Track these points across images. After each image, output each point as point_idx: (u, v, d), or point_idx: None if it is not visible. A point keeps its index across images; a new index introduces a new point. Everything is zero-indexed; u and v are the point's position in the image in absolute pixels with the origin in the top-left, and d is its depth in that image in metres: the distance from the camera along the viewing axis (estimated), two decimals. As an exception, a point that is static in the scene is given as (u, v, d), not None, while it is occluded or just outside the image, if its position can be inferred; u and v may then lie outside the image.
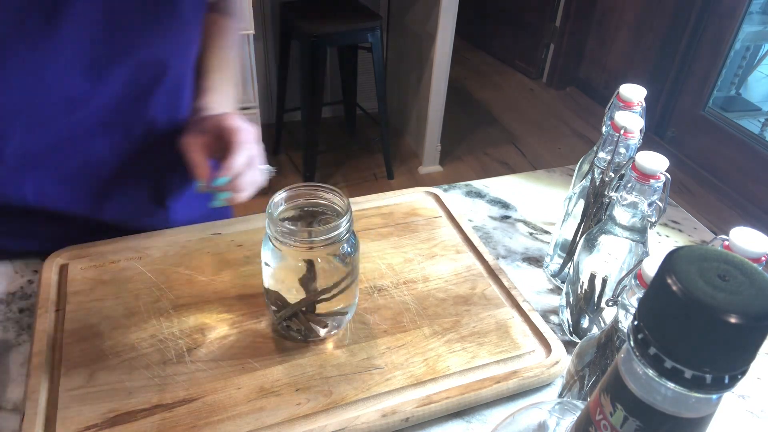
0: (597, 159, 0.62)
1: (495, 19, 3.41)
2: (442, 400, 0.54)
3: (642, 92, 0.63)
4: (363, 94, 2.67)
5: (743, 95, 2.48)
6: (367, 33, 2.08)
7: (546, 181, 0.90)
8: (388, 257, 0.70)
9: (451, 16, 2.15)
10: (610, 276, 0.58)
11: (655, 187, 0.52)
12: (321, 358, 0.58)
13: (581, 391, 0.46)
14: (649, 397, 0.21)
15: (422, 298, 0.65)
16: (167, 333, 0.59)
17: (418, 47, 2.34)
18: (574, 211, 0.66)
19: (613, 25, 2.74)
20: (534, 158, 2.67)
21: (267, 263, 0.55)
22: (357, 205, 0.78)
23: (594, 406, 0.24)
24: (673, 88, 2.44)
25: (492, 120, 2.94)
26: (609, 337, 0.45)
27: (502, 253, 0.75)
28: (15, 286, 0.66)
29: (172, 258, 0.68)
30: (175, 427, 0.51)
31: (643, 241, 0.56)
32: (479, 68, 3.40)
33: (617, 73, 2.76)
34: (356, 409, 0.53)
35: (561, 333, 0.64)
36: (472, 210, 0.83)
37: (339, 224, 0.52)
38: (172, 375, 0.55)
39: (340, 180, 2.44)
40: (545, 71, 3.20)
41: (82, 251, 0.67)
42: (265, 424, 0.51)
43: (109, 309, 0.61)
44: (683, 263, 0.20)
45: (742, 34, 2.23)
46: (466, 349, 0.59)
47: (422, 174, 2.50)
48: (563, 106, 3.04)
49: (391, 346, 0.59)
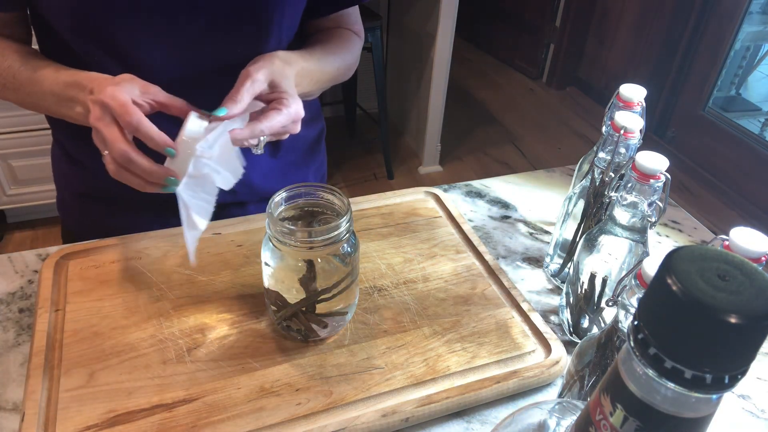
0: (597, 159, 0.62)
1: (495, 19, 3.41)
2: (442, 400, 0.54)
3: (642, 92, 0.63)
4: (363, 94, 2.67)
5: (743, 95, 2.48)
6: (367, 33, 2.07)
7: (546, 181, 0.90)
8: (388, 257, 0.70)
9: (451, 16, 2.15)
10: (610, 276, 0.58)
11: (655, 187, 0.52)
12: (321, 358, 0.58)
13: (581, 391, 0.46)
14: (649, 397, 0.21)
15: (422, 298, 0.65)
16: (167, 333, 0.59)
17: (418, 47, 2.34)
18: (574, 211, 0.66)
19: (613, 25, 2.74)
20: (534, 158, 2.67)
21: (267, 263, 0.55)
22: (357, 205, 0.78)
23: (594, 406, 0.24)
24: (673, 88, 2.44)
25: (492, 120, 2.94)
26: (609, 337, 0.45)
27: (502, 253, 0.75)
28: (15, 286, 0.66)
29: (172, 258, 0.68)
30: (175, 427, 0.51)
31: (643, 241, 0.56)
32: (479, 68, 3.40)
33: (617, 73, 2.76)
34: (356, 409, 0.53)
35: (561, 333, 0.64)
36: (472, 210, 0.83)
37: (339, 224, 0.52)
38: (172, 375, 0.55)
39: (340, 180, 2.44)
40: (545, 71, 3.20)
41: (82, 251, 0.67)
42: (265, 424, 0.51)
43: (109, 309, 0.61)
44: (683, 263, 0.20)
45: (742, 34, 2.23)
46: (466, 349, 0.59)
47: (422, 174, 2.50)
48: (563, 106, 3.04)
49: (391, 346, 0.59)
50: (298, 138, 0.72)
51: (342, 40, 0.79)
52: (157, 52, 0.65)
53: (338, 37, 0.78)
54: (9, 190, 1.89)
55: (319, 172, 0.91)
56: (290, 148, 0.81)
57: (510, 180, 0.90)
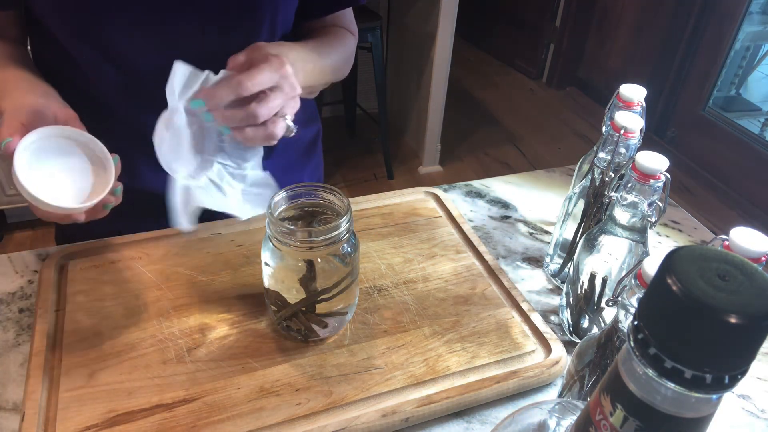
0: (597, 159, 0.62)
1: (495, 19, 3.41)
2: (442, 400, 0.54)
3: (642, 92, 0.63)
4: (363, 94, 2.67)
5: (743, 95, 2.48)
6: (367, 33, 2.08)
7: (546, 181, 0.90)
8: (388, 257, 0.70)
9: (451, 16, 2.15)
10: (610, 276, 0.58)
11: (655, 187, 0.52)
12: (321, 358, 0.58)
13: (581, 391, 0.46)
14: (649, 397, 0.21)
15: (422, 298, 0.65)
16: (167, 333, 0.59)
17: (418, 47, 2.34)
18: (574, 211, 0.66)
19: (613, 25, 2.74)
20: (534, 158, 2.67)
21: (267, 263, 0.55)
22: (357, 205, 0.78)
23: (594, 406, 0.24)
24: (673, 88, 2.44)
25: (492, 120, 2.94)
26: (609, 337, 0.45)
27: (502, 253, 0.75)
28: (15, 286, 0.66)
29: (172, 258, 0.68)
30: (175, 427, 0.51)
31: (643, 241, 0.56)
32: (479, 68, 3.40)
33: (617, 73, 2.76)
34: (356, 409, 0.53)
35: (561, 333, 0.64)
36: (472, 210, 0.83)
37: (339, 224, 0.52)
38: (172, 375, 0.55)
39: (340, 180, 2.44)
40: (545, 71, 3.20)
41: (82, 251, 0.67)
42: (265, 424, 0.51)
43: (109, 309, 0.61)
44: (683, 263, 0.20)
45: (742, 34, 2.23)
46: (466, 349, 0.59)
47: (422, 174, 2.50)
48: (563, 106, 3.04)
49: (391, 346, 0.59)
50: (294, 139, 0.71)
51: (337, 36, 0.78)
52: (148, 50, 0.65)
53: (333, 34, 0.78)
54: (9, 190, 1.89)
55: (315, 175, 0.90)
56: (285, 149, 0.80)
57: (510, 180, 0.90)
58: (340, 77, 0.79)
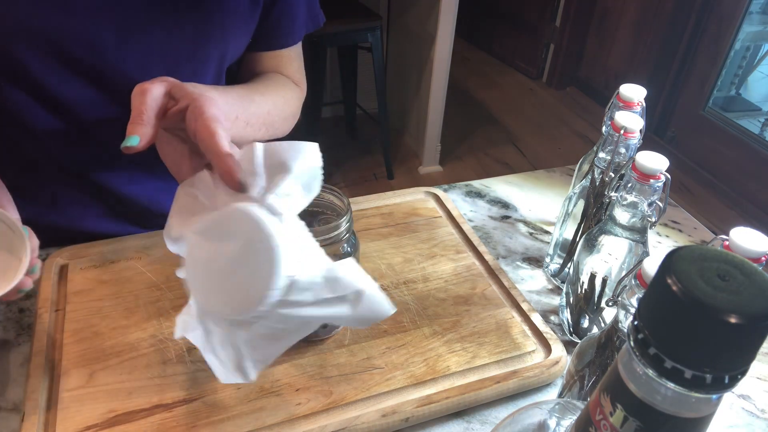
0: (597, 159, 0.62)
1: (495, 19, 3.41)
2: (442, 400, 0.54)
3: (642, 92, 0.63)
4: (363, 94, 2.67)
5: (743, 95, 2.48)
6: (367, 33, 2.08)
7: (546, 181, 0.90)
8: (388, 257, 0.70)
9: (451, 16, 2.15)
10: (610, 276, 0.58)
11: (655, 187, 0.52)
12: (321, 358, 0.58)
13: (581, 391, 0.46)
14: (649, 397, 0.21)
15: (422, 298, 0.65)
16: (167, 333, 0.59)
17: (418, 47, 2.34)
18: (574, 211, 0.66)
19: (613, 25, 2.74)
20: (534, 158, 2.67)
21: (267, 263, 0.55)
22: (357, 205, 0.78)
23: (594, 406, 0.24)
24: (673, 88, 2.44)
25: (492, 120, 2.94)
26: (609, 337, 0.45)
27: (502, 253, 0.75)
28: (15, 286, 0.66)
29: (172, 258, 0.68)
30: (175, 427, 0.51)
31: (643, 241, 0.56)
32: (479, 68, 3.40)
33: (617, 73, 2.76)
34: (356, 409, 0.53)
35: (561, 333, 0.64)
36: (472, 210, 0.83)
37: (339, 224, 0.52)
38: (172, 375, 0.55)
39: (340, 180, 2.44)
40: (545, 71, 3.20)
41: (82, 251, 0.67)
42: (265, 424, 0.51)
43: (109, 309, 0.61)
44: (683, 263, 0.20)
45: (742, 34, 2.23)
46: (466, 349, 0.59)
47: (422, 174, 2.50)
48: (563, 106, 3.04)
49: (391, 346, 0.59)
50: None
51: (274, 82, 0.71)
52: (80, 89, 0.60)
53: (270, 79, 0.71)
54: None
55: None
56: None
57: (510, 180, 0.90)
58: (279, 130, 0.69)
